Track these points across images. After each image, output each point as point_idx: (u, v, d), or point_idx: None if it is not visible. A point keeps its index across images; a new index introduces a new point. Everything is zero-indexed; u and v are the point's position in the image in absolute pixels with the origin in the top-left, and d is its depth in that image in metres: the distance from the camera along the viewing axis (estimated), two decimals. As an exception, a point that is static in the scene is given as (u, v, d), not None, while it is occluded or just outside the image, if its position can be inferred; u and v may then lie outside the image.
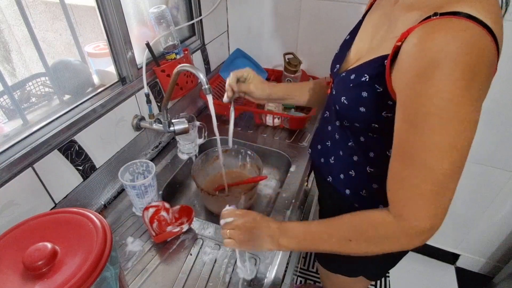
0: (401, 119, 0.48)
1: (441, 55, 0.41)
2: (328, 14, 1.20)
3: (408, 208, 0.48)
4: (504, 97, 1.14)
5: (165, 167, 1.00)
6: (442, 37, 0.41)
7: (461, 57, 0.40)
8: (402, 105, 0.47)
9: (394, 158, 0.49)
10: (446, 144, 0.44)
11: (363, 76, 0.55)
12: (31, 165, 0.66)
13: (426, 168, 0.45)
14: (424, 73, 0.42)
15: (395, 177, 0.50)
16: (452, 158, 0.45)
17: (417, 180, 0.46)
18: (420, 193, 0.47)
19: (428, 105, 0.43)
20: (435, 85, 0.42)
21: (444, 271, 1.68)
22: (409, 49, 0.45)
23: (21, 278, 0.42)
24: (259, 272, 0.70)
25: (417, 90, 0.44)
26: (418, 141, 0.45)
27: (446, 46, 0.41)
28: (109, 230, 0.48)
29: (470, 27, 0.41)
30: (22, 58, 0.77)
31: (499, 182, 1.34)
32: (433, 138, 0.44)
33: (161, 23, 0.93)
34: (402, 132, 0.48)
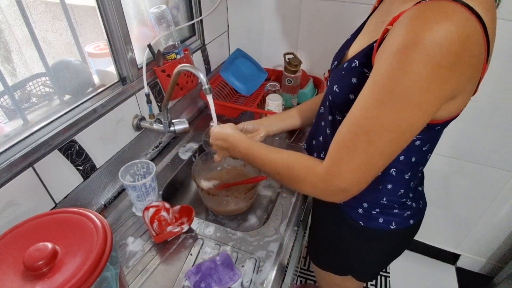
0: (367, 90, 0.48)
1: (427, 35, 0.40)
2: (328, 14, 1.20)
3: (340, 168, 0.51)
4: (504, 97, 1.14)
5: (165, 167, 1.01)
6: (431, 17, 0.40)
7: (446, 42, 0.39)
8: (374, 77, 0.47)
9: (347, 121, 0.51)
10: (395, 125, 0.46)
11: (353, 63, 0.56)
12: (32, 165, 0.67)
13: (370, 142, 0.48)
14: (406, 50, 0.42)
15: (341, 138, 0.52)
16: (394, 139, 0.47)
17: (358, 149, 0.49)
18: (356, 160, 0.50)
19: (399, 83, 0.43)
20: (412, 64, 0.41)
21: (445, 271, 1.68)
22: (398, 27, 0.45)
23: (21, 278, 0.42)
24: (260, 272, 0.70)
25: (394, 65, 0.43)
26: (373, 115, 0.47)
27: (434, 26, 0.40)
28: (110, 230, 0.48)
29: (460, 10, 0.40)
30: (22, 58, 0.77)
31: (499, 182, 1.34)
32: (387, 117, 0.45)
33: (162, 23, 0.93)
34: (362, 101, 0.49)
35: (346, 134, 0.51)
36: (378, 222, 0.69)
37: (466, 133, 1.27)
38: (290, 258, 0.79)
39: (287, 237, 0.79)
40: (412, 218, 0.71)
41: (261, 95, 1.24)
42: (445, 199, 1.49)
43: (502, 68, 1.09)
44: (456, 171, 1.39)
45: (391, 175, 0.63)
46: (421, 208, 0.73)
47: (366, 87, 0.48)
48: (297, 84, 1.19)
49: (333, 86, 0.60)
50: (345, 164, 0.51)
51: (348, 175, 0.51)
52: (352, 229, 0.73)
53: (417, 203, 0.72)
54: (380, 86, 0.45)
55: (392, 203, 0.68)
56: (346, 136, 0.51)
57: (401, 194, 0.67)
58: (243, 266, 0.71)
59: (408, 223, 0.71)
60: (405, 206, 0.69)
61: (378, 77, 0.46)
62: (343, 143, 0.51)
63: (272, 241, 0.77)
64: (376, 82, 0.47)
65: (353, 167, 0.50)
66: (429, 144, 0.60)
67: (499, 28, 1.05)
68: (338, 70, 0.61)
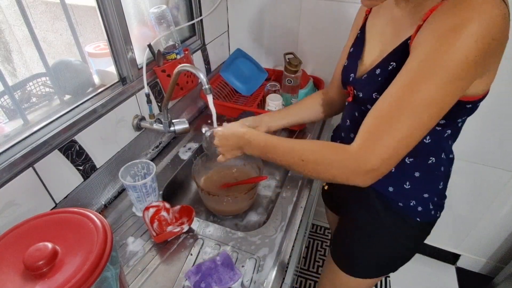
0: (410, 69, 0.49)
1: (475, 14, 0.43)
2: (328, 14, 1.20)
3: (372, 141, 0.51)
4: (504, 97, 1.14)
5: (165, 167, 1.01)
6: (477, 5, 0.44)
7: (492, 28, 0.43)
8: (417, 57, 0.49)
9: (386, 98, 0.52)
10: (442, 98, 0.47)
11: (389, 65, 0.57)
12: (32, 165, 0.67)
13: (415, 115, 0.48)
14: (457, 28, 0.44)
15: (379, 112, 0.52)
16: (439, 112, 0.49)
17: (400, 122, 0.49)
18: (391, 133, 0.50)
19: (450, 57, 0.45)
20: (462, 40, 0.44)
21: (445, 271, 1.68)
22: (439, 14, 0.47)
23: (21, 278, 0.42)
24: (260, 272, 0.70)
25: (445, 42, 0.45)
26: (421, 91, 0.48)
27: (480, 7, 0.43)
28: (110, 230, 0.48)
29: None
30: (22, 58, 0.77)
31: (499, 182, 1.34)
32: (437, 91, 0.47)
33: (162, 23, 0.93)
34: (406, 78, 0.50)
35: (388, 108, 0.51)
36: (431, 214, 0.71)
37: (466, 133, 1.27)
38: (290, 258, 0.79)
39: (287, 237, 0.79)
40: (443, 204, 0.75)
41: (261, 95, 1.24)
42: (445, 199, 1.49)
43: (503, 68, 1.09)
44: (456, 171, 1.38)
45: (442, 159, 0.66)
46: None
47: (408, 66, 0.50)
48: (297, 84, 1.19)
49: (371, 94, 0.61)
50: (382, 137, 0.50)
51: (383, 150, 0.50)
52: (407, 226, 0.73)
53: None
54: (429, 62, 0.47)
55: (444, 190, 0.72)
56: (388, 110, 0.50)
57: (448, 176, 0.71)
58: (243, 266, 0.71)
59: (442, 209, 0.75)
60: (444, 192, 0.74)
61: (424, 55, 0.48)
62: (383, 117, 0.51)
63: (272, 241, 0.77)
64: (422, 59, 0.48)
65: (390, 141, 0.50)
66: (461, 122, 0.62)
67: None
68: (368, 78, 0.61)
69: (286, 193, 0.91)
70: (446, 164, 0.68)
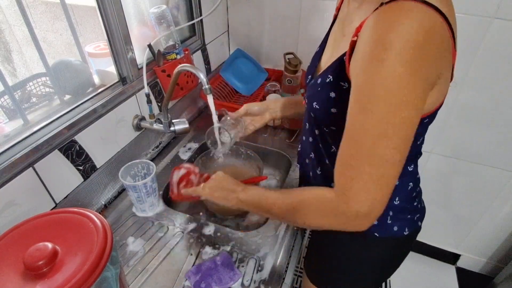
0: (353, 104, 0.48)
1: (393, 36, 0.41)
2: (328, 14, 1.20)
3: (350, 189, 0.49)
4: (504, 97, 1.14)
5: (165, 167, 1.01)
6: (392, 18, 0.42)
7: (411, 36, 0.41)
8: (355, 90, 0.47)
9: (344, 140, 0.50)
10: (391, 130, 0.45)
11: (327, 78, 0.55)
12: (32, 165, 0.67)
13: (371, 153, 0.46)
14: (378, 55, 0.43)
15: (342, 158, 0.50)
16: (396, 144, 0.45)
17: (362, 163, 0.47)
18: (363, 176, 0.47)
19: (379, 88, 0.43)
20: (387, 66, 0.42)
21: (445, 271, 1.68)
22: (364, 36, 0.46)
23: (21, 278, 0.42)
24: (260, 272, 0.70)
25: (371, 73, 0.44)
26: (366, 126, 0.46)
27: (397, 26, 0.41)
28: (110, 230, 0.48)
29: (417, 6, 0.42)
30: (22, 58, 0.77)
31: (500, 182, 1.34)
32: (380, 123, 0.45)
33: (162, 23, 0.93)
34: (353, 116, 0.48)
35: (347, 152, 0.49)
36: (393, 230, 0.67)
37: (466, 133, 1.27)
38: (290, 258, 0.79)
39: (287, 237, 0.79)
40: (420, 220, 0.71)
41: (261, 95, 1.24)
42: (445, 199, 1.49)
43: (503, 69, 1.09)
44: (456, 171, 1.39)
45: None
46: (424, 208, 0.73)
47: (351, 102, 0.48)
48: (297, 84, 1.19)
49: (312, 103, 0.60)
50: (356, 183, 0.48)
51: (362, 196, 0.48)
52: (367, 242, 0.70)
53: (420, 203, 0.71)
54: (365, 96, 0.46)
55: (404, 203, 0.66)
56: (347, 155, 0.49)
57: (411, 188, 0.66)
58: (243, 266, 0.71)
59: (417, 225, 0.70)
60: (414, 207, 0.68)
61: (360, 88, 0.47)
62: (346, 162, 0.49)
63: (272, 241, 0.77)
64: (359, 94, 0.47)
65: (364, 185, 0.47)
66: (422, 137, 0.61)
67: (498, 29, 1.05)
68: (313, 86, 0.60)
69: (286, 193, 0.91)
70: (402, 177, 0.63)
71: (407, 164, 0.63)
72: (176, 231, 0.80)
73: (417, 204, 0.69)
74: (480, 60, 1.09)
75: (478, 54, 1.08)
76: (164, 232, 0.79)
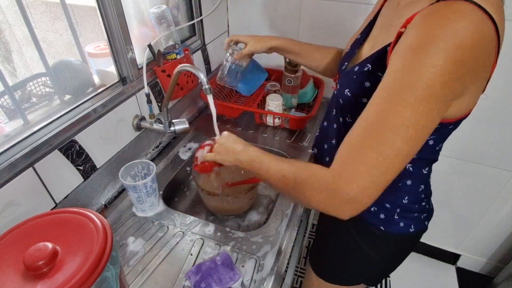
0: (379, 89, 0.47)
1: (444, 32, 0.41)
2: (328, 14, 1.20)
3: (346, 170, 0.47)
4: (504, 97, 1.14)
5: (165, 167, 1.01)
6: (447, 15, 0.41)
7: (463, 39, 0.40)
8: (389, 76, 0.47)
9: (359, 122, 0.49)
10: (409, 120, 0.44)
11: (365, 66, 0.55)
12: (32, 165, 0.67)
13: (382, 140, 0.45)
14: (424, 45, 0.42)
15: (351, 139, 0.49)
16: (408, 136, 0.44)
17: (369, 148, 0.46)
18: (366, 160, 0.46)
19: (418, 77, 0.42)
20: (428, 58, 0.42)
21: (445, 271, 1.68)
22: (413, 27, 0.45)
23: (22, 278, 0.42)
24: (260, 272, 0.70)
25: (412, 61, 0.43)
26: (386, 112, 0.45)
27: (450, 23, 0.41)
28: (110, 230, 0.48)
29: (475, 10, 0.41)
30: (22, 58, 0.77)
31: (500, 182, 1.34)
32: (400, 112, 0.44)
33: (162, 23, 0.93)
34: (376, 100, 0.47)
35: (360, 133, 0.48)
36: (399, 226, 0.68)
37: (466, 133, 1.27)
38: (290, 258, 0.79)
39: (287, 237, 0.79)
40: (427, 220, 0.71)
41: (261, 95, 1.24)
42: (445, 199, 1.49)
43: (503, 69, 1.09)
44: (456, 171, 1.39)
45: (408, 170, 0.62)
46: (432, 209, 0.73)
47: (381, 86, 0.47)
48: (297, 84, 1.19)
49: (344, 90, 0.59)
50: (356, 165, 0.46)
51: (358, 179, 0.46)
52: (372, 235, 0.71)
53: (429, 204, 0.71)
54: (398, 82, 0.45)
55: (413, 203, 0.66)
56: (360, 135, 0.47)
57: (422, 190, 0.66)
58: (243, 266, 0.71)
59: (423, 225, 0.71)
60: (421, 207, 0.69)
61: (394, 73, 0.46)
62: (355, 143, 0.48)
63: (272, 241, 0.77)
64: (393, 79, 0.46)
65: (364, 169, 0.45)
66: (441, 143, 0.60)
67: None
68: (349, 73, 0.60)
69: (286, 193, 0.91)
70: (415, 178, 0.64)
71: (422, 167, 0.63)
72: (176, 231, 0.80)
73: (426, 204, 0.70)
74: (480, 60, 1.09)
75: (478, 54, 1.08)
76: (164, 232, 0.79)
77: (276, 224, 0.82)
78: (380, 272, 0.82)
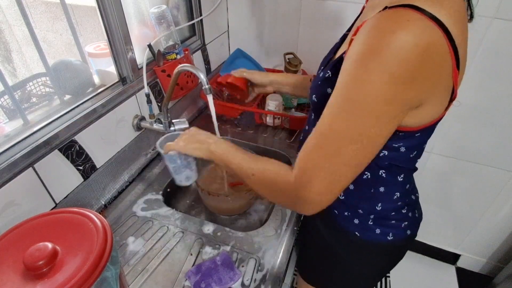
0: (330, 101, 0.48)
1: (384, 44, 0.40)
2: (328, 14, 1.20)
3: (304, 176, 0.50)
4: (504, 97, 1.14)
5: (165, 167, 1.00)
6: (389, 26, 0.40)
7: (402, 50, 0.39)
8: (336, 89, 0.47)
9: (314, 130, 0.51)
10: (357, 135, 0.45)
11: (327, 73, 0.56)
12: (32, 165, 0.67)
13: (334, 152, 0.47)
14: (362, 59, 0.42)
15: (307, 147, 0.51)
16: (358, 150, 0.46)
17: (325, 159, 0.48)
18: (320, 168, 0.48)
19: (357, 92, 0.43)
20: (369, 74, 0.41)
21: (445, 271, 1.68)
22: (359, 37, 0.45)
23: (21, 278, 0.42)
24: (260, 272, 0.70)
25: (352, 75, 0.44)
26: (336, 125, 0.46)
27: (390, 35, 0.40)
28: (110, 230, 0.48)
29: (417, 18, 0.39)
30: (22, 58, 0.77)
31: (499, 182, 1.34)
32: (349, 126, 0.45)
33: (162, 23, 0.93)
34: (327, 112, 0.49)
35: (312, 143, 0.50)
36: (375, 233, 0.67)
37: (466, 133, 1.27)
38: (290, 258, 0.79)
39: (287, 237, 0.79)
40: (409, 228, 0.69)
41: (261, 95, 1.24)
42: (445, 199, 1.49)
43: (503, 69, 1.09)
44: (456, 171, 1.39)
45: (381, 177, 0.61)
46: (417, 218, 0.71)
47: (331, 96, 0.48)
48: (297, 84, 1.19)
49: (312, 95, 0.60)
50: (311, 172, 0.49)
51: (314, 184, 0.49)
52: (348, 241, 0.71)
53: (413, 212, 0.69)
54: (341, 95, 0.46)
55: (388, 211, 0.65)
56: (312, 146, 0.50)
57: (398, 197, 0.64)
58: (243, 266, 0.71)
59: (405, 234, 0.68)
60: (402, 215, 0.67)
61: (339, 86, 0.47)
62: (309, 152, 0.50)
63: (272, 241, 0.77)
64: (338, 91, 0.47)
65: (319, 176, 0.49)
66: (416, 151, 0.59)
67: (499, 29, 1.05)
68: (316, 78, 0.61)
69: (286, 193, 0.91)
70: (389, 186, 0.63)
71: (397, 174, 0.62)
72: (176, 231, 0.80)
73: (407, 212, 0.67)
74: (480, 60, 1.09)
75: (478, 54, 1.08)
76: (164, 232, 0.79)
77: (276, 224, 0.82)
78: (362, 280, 0.80)
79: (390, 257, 0.75)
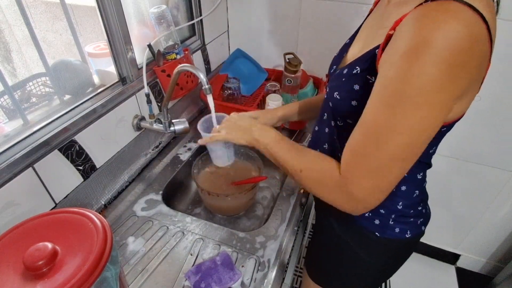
0: (375, 96, 0.47)
1: (436, 35, 0.39)
2: (328, 14, 1.20)
3: (352, 174, 0.50)
4: (504, 97, 1.14)
5: (165, 167, 1.01)
6: (437, 17, 0.40)
7: (455, 42, 0.39)
8: (381, 83, 0.46)
9: (358, 128, 0.50)
10: (408, 128, 0.44)
11: (354, 69, 0.55)
12: (32, 165, 0.66)
13: (382, 147, 0.46)
14: (415, 51, 0.41)
15: (353, 144, 0.51)
16: (409, 143, 0.45)
17: (371, 154, 0.48)
18: (369, 165, 0.48)
19: (411, 84, 0.42)
20: (421, 65, 0.41)
21: (445, 271, 1.68)
22: (402, 30, 0.44)
23: (21, 278, 0.42)
24: (260, 272, 0.70)
25: (404, 67, 0.43)
26: (384, 120, 0.45)
27: (440, 26, 0.39)
28: (110, 230, 0.48)
29: (466, 10, 0.40)
30: (22, 58, 0.77)
31: (499, 182, 1.34)
32: (399, 120, 0.44)
33: (162, 23, 0.93)
34: (372, 107, 0.48)
35: (358, 139, 0.50)
36: (395, 232, 0.67)
37: (466, 133, 1.27)
38: (290, 258, 0.79)
39: (287, 237, 0.79)
40: (424, 225, 0.70)
41: (261, 95, 1.24)
42: (445, 199, 1.49)
43: (503, 68, 1.09)
44: (456, 171, 1.39)
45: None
46: (428, 213, 0.73)
47: (375, 92, 0.47)
48: (297, 84, 1.19)
49: (333, 93, 0.59)
50: (358, 169, 0.49)
51: (362, 182, 0.49)
52: (367, 241, 0.70)
53: (425, 208, 0.71)
54: (391, 89, 0.44)
55: (408, 208, 0.66)
56: (358, 141, 0.49)
57: (417, 195, 0.65)
58: (243, 266, 0.71)
59: (420, 230, 0.70)
60: (418, 212, 0.68)
61: (387, 81, 0.45)
62: (355, 148, 0.50)
63: (272, 241, 0.77)
64: (386, 86, 0.45)
65: (366, 173, 0.48)
66: (435, 146, 0.60)
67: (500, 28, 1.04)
68: (337, 76, 0.60)
69: (286, 193, 0.91)
70: (410, 184, 0.64)
71: (417, 172, 0.63)
72: (176, 231, 0.80)
73: (422, 209, 0.69)
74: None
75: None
76: (164, 232, 0.79)
77: (276, 224, 0.82)
78: (378, 278, 0.81)
79: (406, 252, 0.76)
